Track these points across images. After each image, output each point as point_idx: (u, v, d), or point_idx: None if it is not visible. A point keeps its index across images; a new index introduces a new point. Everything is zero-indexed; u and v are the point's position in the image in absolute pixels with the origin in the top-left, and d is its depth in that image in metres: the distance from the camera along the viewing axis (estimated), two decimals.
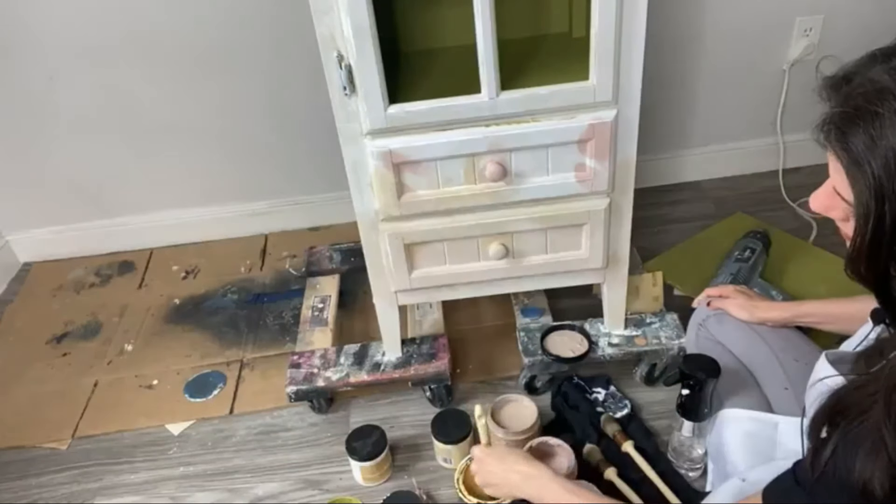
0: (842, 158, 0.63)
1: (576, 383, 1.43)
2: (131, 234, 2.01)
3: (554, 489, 1.01)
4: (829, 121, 0.64)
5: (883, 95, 0.59)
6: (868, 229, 0.62)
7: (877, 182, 0.60)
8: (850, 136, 0.61)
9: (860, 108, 0.61)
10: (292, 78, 1.76)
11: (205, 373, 1.61)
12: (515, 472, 1.06)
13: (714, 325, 1.28)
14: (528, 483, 1.04)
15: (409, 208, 1.19)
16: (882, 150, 0.59)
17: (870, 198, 0.61)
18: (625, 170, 1.20)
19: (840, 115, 0.63)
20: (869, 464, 0.63)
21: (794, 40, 1.82)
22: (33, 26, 1.65)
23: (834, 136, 0.63)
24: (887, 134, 0.59)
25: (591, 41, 1.04)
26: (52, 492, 1.40)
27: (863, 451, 0.63)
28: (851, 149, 0.61)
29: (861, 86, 0.61)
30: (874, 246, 0.62)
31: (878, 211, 0.61)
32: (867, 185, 0.61)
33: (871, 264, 0.64)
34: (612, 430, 1.31)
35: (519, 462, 1.07)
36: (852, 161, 0.62)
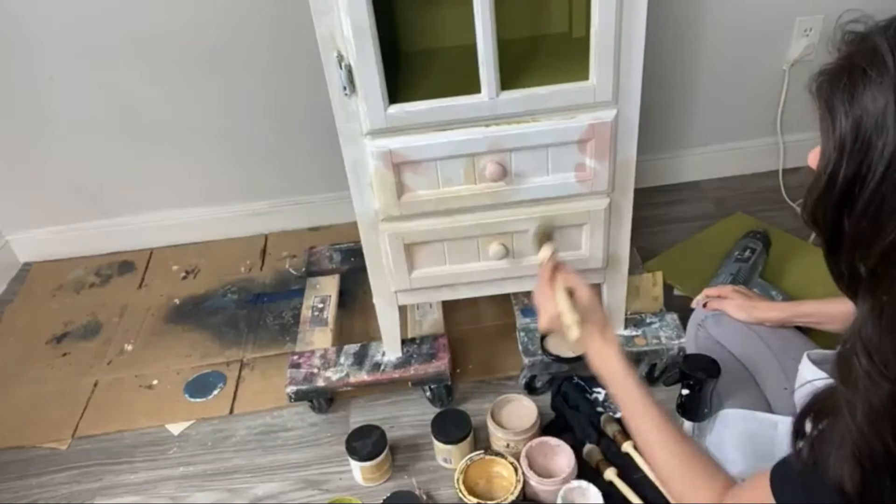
0: (820, 109, 0.65)
1: (576, 383, 1.43)
2: (131, 234, 2.01)
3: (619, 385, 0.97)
4: (825, 71, 0.65)
5: (876, 59, 0.60)
6: (823, 179, 0.64)
7: (842, 137, 0.62)
8: (834, 90, 0.63)
9: (854, 65, 0.62)
10: (292, 78, 1.76)
11: (205, 373, 1.61)
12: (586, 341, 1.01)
13: (713, 325, 1.28)
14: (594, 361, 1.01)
15: (409, 208, 1.19)
16: (856, 111, 0.61)
17: (833, 150, 0.63)
18: (625, 170, 1.20)
19: (835, 67, 0.64)
20: (840, 462, 0.65)
21: (794, 40, 1.82)
22: (33, 26, 1.65)
23: (822, 87, 0.65)
24: (866, 97, 0.60)
25: (591, 41, 1.04)
26: (52, 492, 1.40)
27: (834, 451, 0.65)
28: (830, 101, 0.63)
29: (864, 46, 0.62)
30: (825, 195, 0.64)
31: (835, 164, 0.62)
32: (833, 138, 0.62)
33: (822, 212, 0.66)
34: (612, 430, 1.31)
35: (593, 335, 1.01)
36: (828, 111, 0.63)
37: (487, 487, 1.25)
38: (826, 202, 0.65)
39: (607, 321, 1.03)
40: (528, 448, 1.26)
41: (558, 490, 1.19)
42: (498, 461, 1.26)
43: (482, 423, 1.34)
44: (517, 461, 1.24)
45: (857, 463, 0.63)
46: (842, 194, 0.63)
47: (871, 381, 0.62)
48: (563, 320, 1.00)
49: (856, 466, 0.64)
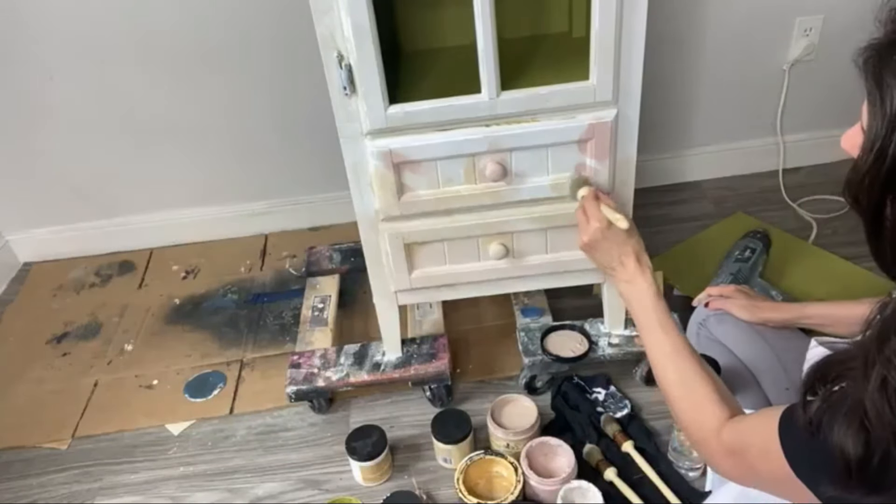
0: (868, 83, 0.64)
1: (576, 383, 1.43)
2: (131, 234, 2.01)
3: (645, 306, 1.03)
4: (874, 45, 0.64)
5: None
6: (871, 155, 0.62)
7: (893, 113, 0.60)
8: (885, 63, 0.62)
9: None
10: (292, 78, 1.76)
11: (205, 373, 1.61)
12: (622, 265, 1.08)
13: (715, 324, 1.28)
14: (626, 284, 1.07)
15: (409, 208, 1.19)
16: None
17: (881, 125, 0.61)
18: (625, 169, 1.20)
19: (885, 42, 0.63)
20: (846, 429, 0.64)
21: (794, 40, 1.82)
22: (33, 26, 1.65)
23: (871, 61, 0.64)
24: None
25: (591, 41, 1.04)
26: (52, 492, 1.40)
27: (841, 415, 0.65)
28: (880, 75, 0.62)
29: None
30: (872, 174, 0.63)
31: (885, 140, 0.61)
32: (883, 114, 0.61)
33: (866, 193, 0.64)
34: (612, 430, 1.31)
35: (630, 258, 1.07)
36: (877, 86, 0.62)
37: (487, 487, 1.25)
38: (872, 181, 0.63)
39: (643, 248, 1.10)
40: (528, 448, 1.26)
41: (558, 490, 1.19)
42: (498, 461, 1.26)
43: (482, 423, 1.34)
44: (517, 461, 1.24)
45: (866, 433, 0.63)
46: (890, 172, 0.61)
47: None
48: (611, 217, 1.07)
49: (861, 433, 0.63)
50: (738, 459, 0.82)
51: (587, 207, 1.11)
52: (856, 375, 0.65)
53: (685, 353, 0.95)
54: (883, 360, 0.62)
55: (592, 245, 1.10)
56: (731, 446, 0.83)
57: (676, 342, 0.97)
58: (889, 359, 0.62)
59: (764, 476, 0.78)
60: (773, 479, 0.76)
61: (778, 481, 0.75)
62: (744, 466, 0.81)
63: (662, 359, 0.97)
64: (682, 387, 0.93)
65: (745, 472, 0.82)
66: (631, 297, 1.06)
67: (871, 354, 0.63)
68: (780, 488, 0.78)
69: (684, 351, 0.96)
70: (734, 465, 0.83)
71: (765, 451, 0.75)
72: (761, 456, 0.76)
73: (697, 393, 0.91)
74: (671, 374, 0.95)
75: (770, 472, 0.75)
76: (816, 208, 1.86)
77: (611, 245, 1.08)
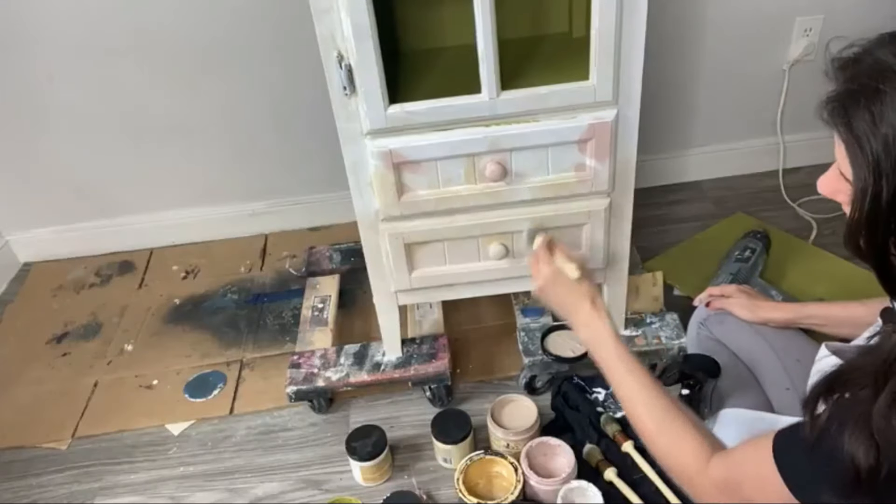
0: (843, 134, 0.64)
1: (576, 383, 1.43)
2: (131, 234, 2.01)
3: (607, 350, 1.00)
4: (834, 98, 0.65)
5: (886, 74, 0.60)
6: (865, 204, 0.63)
7: (875, 158, 0.61)
8: (853, 113, 0.62)
9: (864, 85, 0.62)
10: (292, 78, 1.76)
11: (205, 373, 1.61)
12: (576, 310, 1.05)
13: (715, 324, 1.28)
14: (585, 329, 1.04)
15: (409, 208, 1.19)
16: (882, 128, 0.60)
17: (868, 174, 0.62)
18: (625, 169, 1.20)
19: (844, 92, 0.64)
20: (859, 445, 0.64)
21: (794, 40, 1.82)
22: (33, 25, 1.65)
23: (837, 113, 0.64)
24: (888, 112, 0.60)
25: (591, 41, 1.04)
26: (52, 492, 1.40)
27: (851, 425, 0.64)
28: (853, 125, 0.63)
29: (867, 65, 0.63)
30: (870, 221, 0.63)
31: (875, 187, 0.62)
32: (866, 162, 0.62)
33: (868, 239, 0.65)
34: (612, 430, 1.31)
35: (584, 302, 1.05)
36: (853, 137, 0.63)
37: (487, 487, 1.25)
38: (873, 228, 0.63)
39: (598, 292, 1.08)
40: (528, 448, 1.26)
41: (558, 490, 1.19)
42: (498, 461, 1.26)
43: (482, 423, 1.34)
44: (517, 461, 1.24)
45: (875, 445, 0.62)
46: (889, 215, 0.62)
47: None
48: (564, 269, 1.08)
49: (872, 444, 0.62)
50: (731, 494, 0.80)
51: (539, 254, 1.12)
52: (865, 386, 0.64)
53: (655, 392, 0.93)
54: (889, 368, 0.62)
55: (545, 290, 1.10)
56: (722, 482, 0.80)
57: (644, 381, 0.94)
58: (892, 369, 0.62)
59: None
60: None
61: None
62: (737, 500, 0.79)
63: (632, 400, 0.95)
64: (656, 425, 0.91)
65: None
66: (591, 341, 1.04)
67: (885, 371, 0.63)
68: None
69: (654, 389, 0.93)
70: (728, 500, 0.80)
71: (761, 481, 0.74)
72: (757, 486, 0.75)
73: (674, 429, 0.88)
74: (643, 413, 0.92)
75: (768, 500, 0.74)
76: (816, 208, 1.86)
77: (563, 290, 1.08)
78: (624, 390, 0.97)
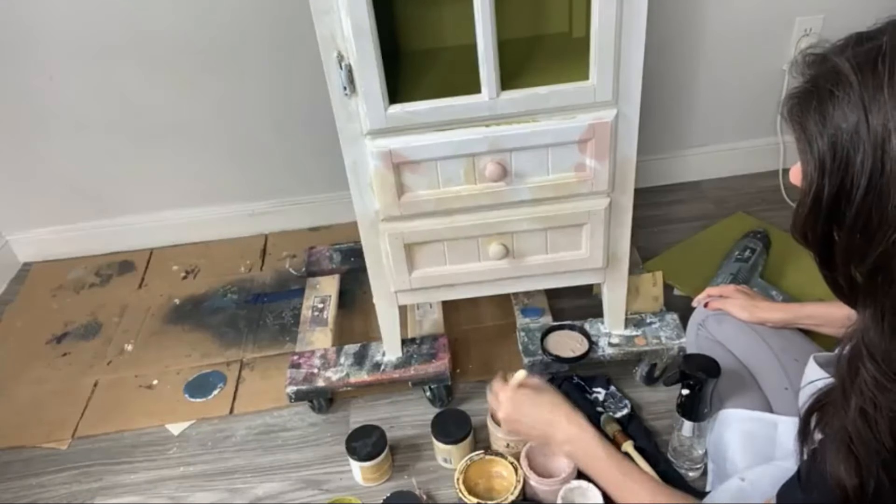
0: (795, 132, 0.67)
1: (576, 383, 1.43)
2: (131, 234, 2.01)
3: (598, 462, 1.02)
4: (794, 96, 0.67)
5: (840, 78, 0.62)
6: (809, 199, 0.66)
7: (821, 158, 0.63)
8: (805, 113, 0.65)
9: (820, 87, 0.63)
10: (292, 78, 1.76)
11: (205, 373, 1.61)
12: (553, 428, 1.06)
13: (714, 325, 1.28)
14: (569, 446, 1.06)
15: (409, 208, 1.19)
16: (830, 130, 0.62)
17: (813, 171, 0.64)
18: (625, 170, 1.20)
19: (802, 91, 0.66)
20: (840, 463, 0.66)
21: (794, 40, 1.82)
22: (33, 26, 1.65)
23: (794, 111, 0.67)
24: (837, 115, 0.62)
25: (591, 41, 1.04)
26: (52, 492, 1.40)
27: (834, 450, 0.67)
28: (804, 124, 0.65)
29: (826, 67, 0.64)
30: (813, 215, 0.66)
31: (818, 184, 0.64)
32: (813, 160, 0.64)
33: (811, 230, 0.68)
34: (612, 430, 1.31)
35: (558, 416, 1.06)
36: (803, 133, 0.65)
37: (487, 487, 1.25)
38: (814, 220, 0.67)
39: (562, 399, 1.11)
40: (528, 448, 1.26)
41: (558, 490, 1.19)
42: (498, 461, 1.26)
43: (482, 423, 1.34)
44: (517, 461, 1.24)
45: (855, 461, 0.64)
46: (829, 211, 0.64)
47: (879, 386, 0.63)
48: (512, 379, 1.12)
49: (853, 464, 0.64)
50: None
51: (494, 388, 1.16)
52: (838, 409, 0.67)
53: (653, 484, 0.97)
54: (857, 391, 0.65)
55: (513, 416, 1.11)
56: None
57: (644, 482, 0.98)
58: (861, 390, 0.64)
59: None
60: None
61: None
62: None
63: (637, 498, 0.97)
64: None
65: None
66: (578, 456, 1.05)
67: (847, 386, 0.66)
68: None
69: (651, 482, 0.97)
70: None
71: None
72: None
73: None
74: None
75: None
76: None
77: (529, 408, 1.10)
78: (625, 493, 0.99)
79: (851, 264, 0.65)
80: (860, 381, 0.64)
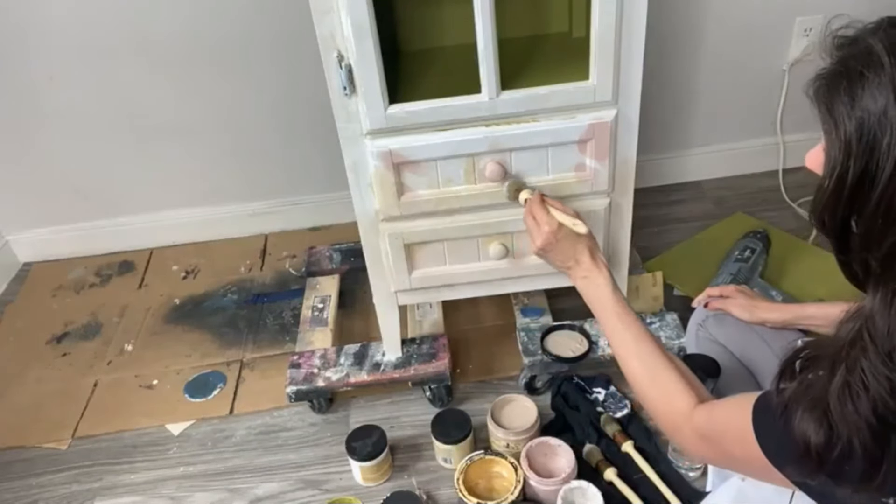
0: (822, 113, 0.66)
1: (576, 383, 1.43)
2: (131, 234, 2.01)
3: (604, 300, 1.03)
4: (821, 77, 0.67)
5: (872, 59, 0.62)
6: (831, 182, 0.65)
7: (847, 140, 0.63)
8: (834, 94, 0.64)
9: (850, 68, 0.63)
10: (292, 78, 1.76)
11: (205, 373, 1.61)
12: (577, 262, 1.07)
13: (714, 325, 1.28)
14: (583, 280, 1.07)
15: (409, 208, 1.19)
16: (858, 112, 0.62)
17: (838, 153, 0.64)
18: (625, 169, 1.20)
19: (831, 72, 0.66)
20: (811, 422, 0.66)
21: (794, 40, 1.82)
22: (33, 26, 1.65)
23: (821, 92, 0.66)
24: (866, 97, 0.61)
25: (591, 41, 1.04)
26: (52, 492, 1.40)
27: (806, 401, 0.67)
28: (832, 105, 0.64)
29: (858, 49, 0.64)
30: (835, 198, 0.66)
31: (842, 166, 0.64)
32: (838, 141, 0.64)
33: (831, 215, 0.67)
34: (612, 430, 1.31)
35: (585, 255, 1.07)
36: (829, 115, 0.65)
37: (487, 487, 1.25)
38: (835, 205, 0.66)
39: (597, 245, 1.10)
40: (528, 448, 1.26)
41: (558, 490, 1.19)
42: (498, 461, 1.26)
43: (482, 423, 1.34)
44: (517, 461, 1.24)
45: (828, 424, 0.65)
46: (851, 195, 0.64)
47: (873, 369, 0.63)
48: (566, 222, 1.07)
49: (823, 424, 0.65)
50: (711, 445, 0.84)
51: (535, 213, 1.10)
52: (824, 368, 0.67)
53: (647, 343, 0.97)
54: (850, 364, 0.65)
55: (546, 248, 1.10)
56: (704, 432, 0.84)
57: (637, 333, 0.98)
58: (854, 366, 0.64)
59: (740, 461, 0.81)
60: (749, 463, 0.78)
61: (753, 466, 0.77)
62: (718, 451, 0.83)
63: (625, 350, 0.98)
64: (648, 376, 0.94)
65: (720, 456, 0.85)
66: (588, 292, 1.06)
67: (840, 355, 0.66)
68: (755, 472, 0.80)
69: (646, 341, 0.97)
70: (708, 449, 0.85)
71: (740, 438, 0.76)
72: (737, 442, 0.78)
73: (664, 380, 0.92)
74: (636, 364, 0.96)
75: (745, 457, 0.77)
76: None
77: (565, 246, 1.09)
78: (618, 342, 1.00)
79: (868, 250, 0.65)
80: (854, 360, 0.64)
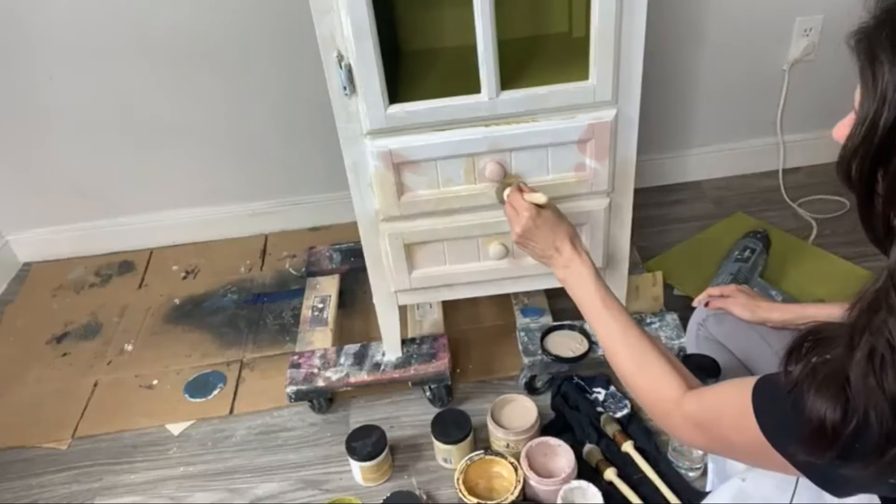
0: (860, 61, 0.65)
1: (576, 383, 1.43)
2: (131, 234, 2.01)
3: (587, 289, 1.02)
4: (863, 27, 0.66)
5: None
6: (862, 130, 0.64)
7: (883, 88, 0.62)
8: (875, 41, 0.63)
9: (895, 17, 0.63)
10: (292, 78, 1.76)
11: (205, 373, 1.61)
12: (557, 251, 1.06)
13: (714, 324, 1.28)
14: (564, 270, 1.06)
15: (409, 208, 1.19)
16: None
17: (872, 101, 0.63)
18: (625, 170, 1.20)
19: (875, 21, 0.65)
20: (823, 391, 0.65)
21: (794, 40, 1.82)
22: (33, 26, 1.65)
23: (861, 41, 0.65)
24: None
25: (591, 41, 1.04)
26: (52, 492, 1.40)
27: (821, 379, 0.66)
28: (871, 52, 0.63)
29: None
30: (864, 147, 0.64)
31: (875, 114, 0.63)
32: (874, 89, 0.63)
33: (858, 166, 0.66)
34: (612, 430, 1.31)
35: (564, 243, 1.06)
36: (869, 63, 0.64)
37: (487, 487, 1.25)
38: (863, 155, 0.64)
39: (577, 234, 1.09)
40: (528, 448, 1.26)
41: (558, 490, 1.19)
42: (498, 461, 1.26)
43: (482, 423, 1.35)
44: (517, 461, 1.24)
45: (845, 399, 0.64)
46: (881, 146, 0.63)
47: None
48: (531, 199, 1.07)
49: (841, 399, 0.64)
50: (704, 431, 0.83)
51: (513, 201, 1.10)
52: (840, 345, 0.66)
53: (633, 331, 0.96)
54: (873, 329, 0.63)
55: (526, 235, 1.09)
56: (697, 418, 0.83)
57: (622, 320, 0.97)
58: (880, 328, 0.63)
59: (737, 446, 0.79)
60: (745, 448, 0.77)
61: (750, 450, 0.76)
62: (712, 437, 0.82)
63: (611, 339, 0.97)
64: (635, 363, 0.93)
65: (714, 442, 0.83)
66: (570, 281, 1.05)
67: (861, 323, 0.65)
68: (752, 457, 0.79)
69: (631, 328, 0.96)
70: (701, 435, 0.84)
71: (738, 422, 0.76)
72: (734, 426, 0.77)
73: (652, 367, 0.91)
74: (623, 352, 0.95)
75: (743, 441, 0.76)
76: (816, 208, 1.86)
77: (543, 232, 1.08)
78: (603, 330, 0.99)
79: (892, 206, 0.64)
80: (879, 321, 0.63)
